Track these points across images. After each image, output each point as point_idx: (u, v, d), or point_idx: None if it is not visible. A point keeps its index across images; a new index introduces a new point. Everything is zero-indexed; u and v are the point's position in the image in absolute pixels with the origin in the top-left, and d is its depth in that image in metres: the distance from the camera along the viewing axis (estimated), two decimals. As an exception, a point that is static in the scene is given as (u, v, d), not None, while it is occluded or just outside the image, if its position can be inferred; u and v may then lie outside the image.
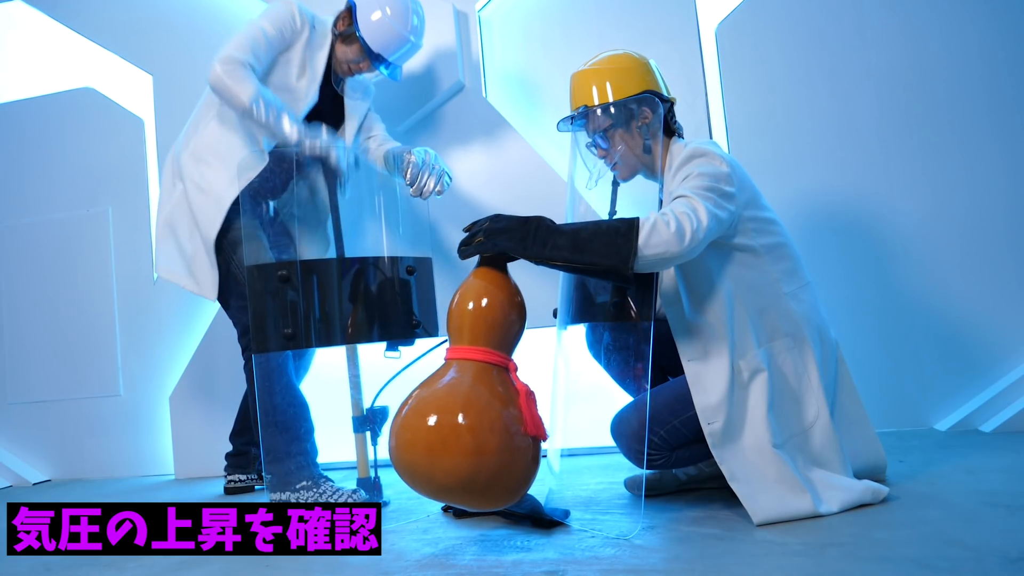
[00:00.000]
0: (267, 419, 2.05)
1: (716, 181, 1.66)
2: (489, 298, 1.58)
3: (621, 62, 1.88)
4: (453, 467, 1.42)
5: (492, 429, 1.44)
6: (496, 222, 1.61)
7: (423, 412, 1.47)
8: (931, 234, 2.62)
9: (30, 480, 3.18)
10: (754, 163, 2.67)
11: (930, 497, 1.69)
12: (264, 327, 1.84)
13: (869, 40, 2.69)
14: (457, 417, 1.44)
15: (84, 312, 3.25)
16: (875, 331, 2.63)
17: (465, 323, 1.57)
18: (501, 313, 1.57)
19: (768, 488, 1.61)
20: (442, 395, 1.49)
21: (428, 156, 2.30)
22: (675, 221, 1.55)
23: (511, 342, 1.60)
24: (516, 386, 1.52)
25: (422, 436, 1.45)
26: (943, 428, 2.53)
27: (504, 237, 1.58)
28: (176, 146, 2.41)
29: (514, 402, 1.49)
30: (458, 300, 1.60)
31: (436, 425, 1.44)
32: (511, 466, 1.46)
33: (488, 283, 1.60)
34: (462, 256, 1.62)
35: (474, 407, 1.45)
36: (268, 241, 2.24)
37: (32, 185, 3.37)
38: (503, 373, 1.54)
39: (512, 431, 1.46)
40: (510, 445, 1.45)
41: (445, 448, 1.42)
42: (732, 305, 1.72)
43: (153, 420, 3.16)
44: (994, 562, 1.25)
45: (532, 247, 1.57)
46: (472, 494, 1.47)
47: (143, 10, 3.23)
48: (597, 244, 1.55)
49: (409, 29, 2.32)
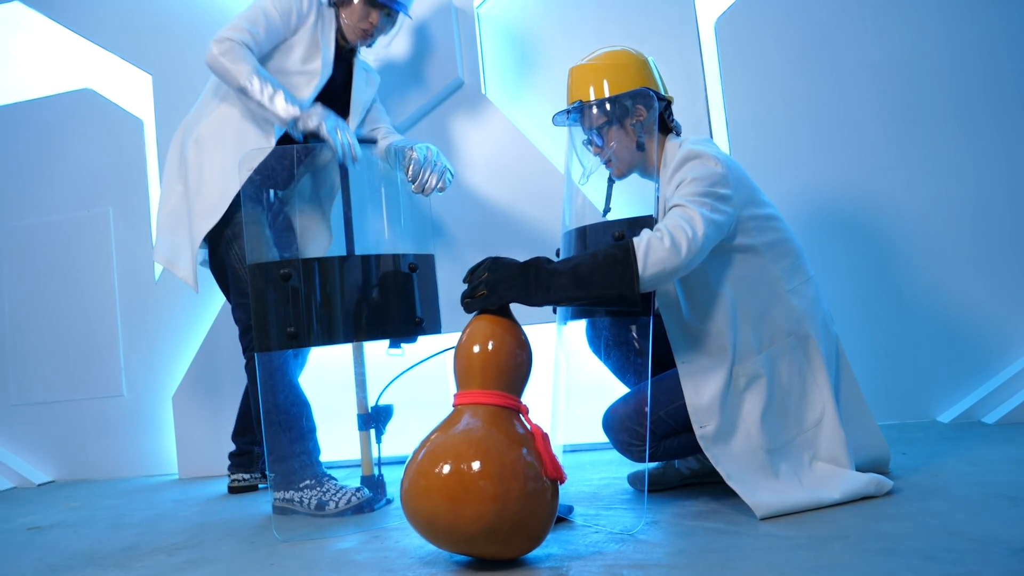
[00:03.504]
0: (270, 418, 2.05)
1: (711, 185, 1.65)
2: (497, 341, 1.54)
3: (618, 58, 1.88)
4: (476, 515, 1.37)
5: (514, 475, 1.39)
6: (495, 271, 1.58)
7: (440, 459, 1.42)
8: (933, 227, 2.62)
9: (34, 481, 3.18)
10: (755, 158, 2.68)
11: (934, 489, 1.69)
12: (266, 326, 1.84)
13: (870, 32, 2.68)
14: (476, 463, 1.39)
15: (86, 313, 3.26)
16: (877, 323, 2.63)
17: (475, 368, 1.53)
18: (510, 356, 1.54)
19: (767, 485, 1.62)
20: (459, 441, 1.44)
21: (430, 153, 2.29)
22: (668, 236, 1.55)
23: (521, 384, 1.56)
24: (531, 429, 1.50)
25: (441, 483, 1.40)
26: (946, 420, 2.53)
27: (506, 287, 1.57)
28: (180, 133, 2.39)
29: (531, 446, 1.45)
30: (465, 344, 1.56)
31: (455, 472, 1.39)
32: (534, 511, 1.42)
33: (495, 326, 1.56)
34: (467, 310, 1.60)
35: (493, 453, 1.41)
36: (272, 236, 2.24)
37: (32, 187, 3.37)
38: (515, 416, 1.51)
39: (532, 475, 1.42)
40: (532, 490, 1.41)
41: (467, 495, 1.37)
42: (733, 311, 1.72)
43: (156, 420, 3.17)
44: (998, 553, 1.25)
45: (536, 294, 1.56)
46: (495, 542, 1.41)
47: (142, 10, 3.23)
48: (599, 277, 1.54)
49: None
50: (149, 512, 2.34)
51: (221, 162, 2.24)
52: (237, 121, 2.26)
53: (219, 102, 2.30)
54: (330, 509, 2.01)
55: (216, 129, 2.28)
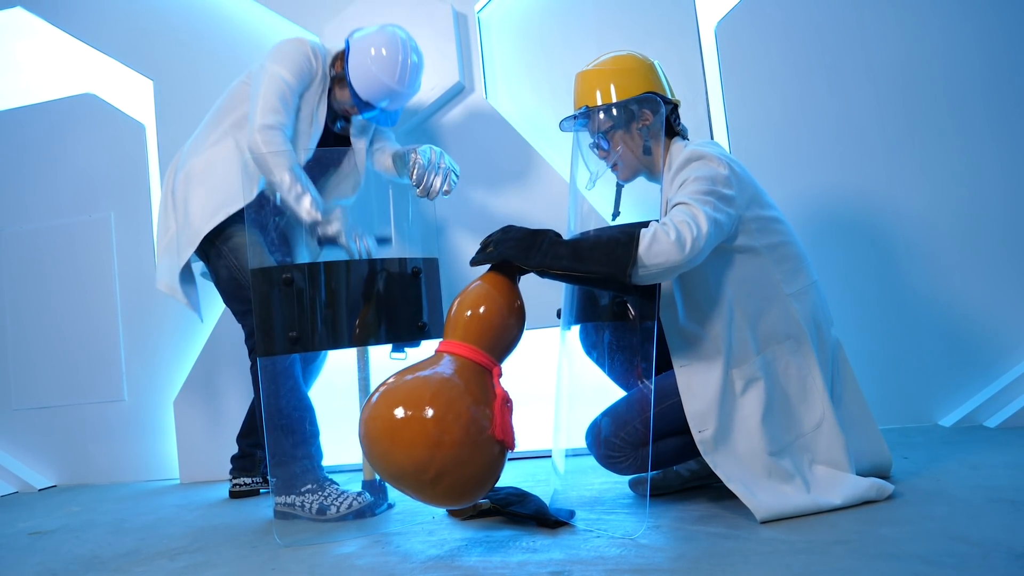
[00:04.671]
0: (272, 422, 2.05)
1: (714, 184, 1.66)
2: (488, 301, 1.61)
3: (624, 63, 1.88)
4: (408, 448, 1.45)
5: (456, 422, 1.46)
6: (507, 232, 1.66)
7: (394, 396, 1.49)
8: (933, 229, 2.62)
9: (36, 486, 3.18)
10: (755, 160, 2.68)
11: (935, 493, 1.69)
12: (269, 330, 1.84)
13: (868, 35, 2.69)
14: (425, 404, 1.46)
15: (88, 317, 3.26)
16: (878, 327, 2.63)
17: (460, 320, 1.61)
18: (497, 317, 1.61)
19: (767, 487, 1.62)
20: (418, 383, 1.51)
21: (434, 155, 2.28)
22: (675, 230, 1.55)
23: (503, 348, 1.62)
24: (495, 390, 1.53)
25: (387, 417, 1.47)
26: (947, 424, 2.53)
27: (508, 246, 1.63)
28: (175, 162, 2.42)
29: (489, 404, 1.51)
30: (459, 298, 1.64)
31: (402, 409, 1.47)
32: (468, 462, 1.47)
33: (492, 287, 1.63)
34: (472, 264, 1.67)
35: (443, 398, 1.47)
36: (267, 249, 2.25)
37: (34, 191, 3.38)
38: (486, 375, 1.55)
39: (477, 429, 1.47)
40: (472, 441, 1.47)
41: (407, 428, 1.45)
42: (731, 313, 1.72)
43: (157, 425, 3.17)
44: (1000, 557, 1.25)
45: (534, 256, 1.60)
46: (422, 483, 1.47)
47: (143, 15, 3.24)
48: (597, 254, 1.56)
49: (396, 80, 2.22)
50: (150, 517, 2.34)
51: (204, 200, 2.26)
52: (226, 165, 2.27)
53: (214, 142, 2.32)
54: (331, 514, 2.01)
55: (205, 168, 2.30)
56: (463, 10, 2.92)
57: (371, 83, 2.23)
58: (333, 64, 2.32)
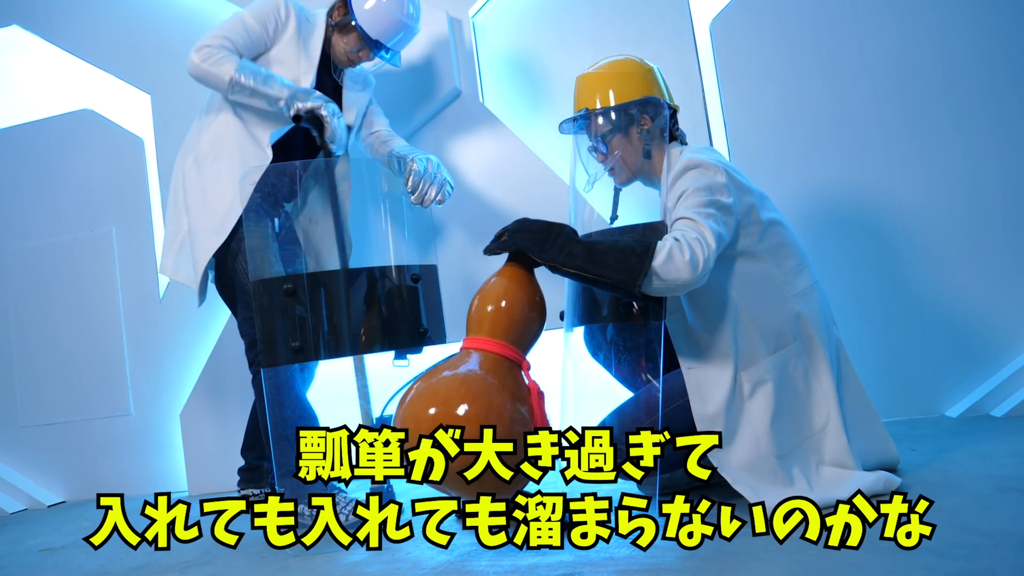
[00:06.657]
0: (277, 432, 2.05)
1: (713, 194, 1.66)
2: (511, 295, 1.62)
3: (624, 67, 1.89)
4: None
5: (500, 418, 1.45)
6: (522, 224, 1.67)
7: (429, 399, 1.49)
8: (933, 222, 2.61)
9: (44, 502, 3.19)
10: (753, 158, 2.68)
11: (944, 484, 1.69)
12: (272, 341, 1.85)
13: (864, 29, 2.68)
14: (463, 405, 1.46)
15: (92, 332, 3.26)
16: (881, 321, 2.63)
17: (485, 316, 1.61)
18: (521, 310, 1.62)
19: (774, 492, 1.61)
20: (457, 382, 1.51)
21: (430, 165, 2.29)
22: (688, 249, 1.56)
23: (528, 341, 1.63)
24: (528, 384, 1.54)
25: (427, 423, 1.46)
26: (954, 415, 2.52)
27: (526, 236, 1.64)
28: (179, 158, 2.39)
29: (525, 399, 1.51)
30: (481, 293, 1.64)
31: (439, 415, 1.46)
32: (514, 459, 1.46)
33: (512, 281, 1.64)
34: (486, 252, 1.68)
35: (483, 396, 1.46)
36: (278, 250, 2.24)
37: (35, 209, 3.38)
38: (516, 369, 1.55)
39: (519, 420, 1.47)
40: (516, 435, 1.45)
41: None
42: (737, 317, 1.72)
43: (165, 438, 3.17)
44: (1010, 547, 1.25)
45: (549, 250, 1.61)
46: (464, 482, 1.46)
47: (139, 30, 3.24)
48: (610, 259, 1.57)
49: (406, 14, 2.32)
50: (160, 530, 2.34)
51: (223, 178, 2.25)
52: (234, 136, 2.27)
53: (213, 119, 2.31)
54: (340, 521, 2.00)
55: (213, 147, 2.29)
56: (457, 15, 2.92)
57: (383, 20, 2.29)
58: (331, 14, 2.36)
